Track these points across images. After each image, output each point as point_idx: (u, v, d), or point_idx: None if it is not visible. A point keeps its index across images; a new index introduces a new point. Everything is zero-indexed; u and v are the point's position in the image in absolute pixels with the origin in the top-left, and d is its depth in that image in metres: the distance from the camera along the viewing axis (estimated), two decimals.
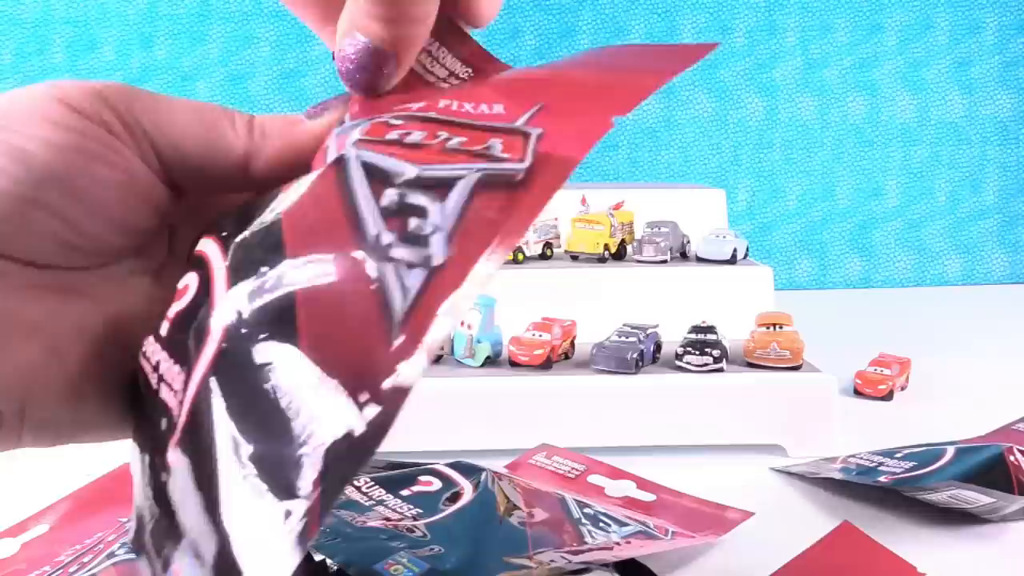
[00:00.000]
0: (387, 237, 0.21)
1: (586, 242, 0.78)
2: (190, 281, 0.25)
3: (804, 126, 1.30)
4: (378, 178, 0.22)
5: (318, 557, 0.40)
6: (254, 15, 1.29)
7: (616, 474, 0.54)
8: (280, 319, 0.21)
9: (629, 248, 0.80)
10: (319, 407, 0.19)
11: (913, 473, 0.52)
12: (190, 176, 0.25)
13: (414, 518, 0.43)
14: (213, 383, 0.22)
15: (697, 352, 0.62)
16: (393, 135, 0.24)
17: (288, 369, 0.20)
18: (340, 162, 0.23)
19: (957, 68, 1.29)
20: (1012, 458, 0.50)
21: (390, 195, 0.22)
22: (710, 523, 0.48)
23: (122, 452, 0.27)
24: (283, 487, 0.18)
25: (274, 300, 0.21)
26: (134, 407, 0.26)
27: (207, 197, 0.27)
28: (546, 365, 0.63)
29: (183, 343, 0.23)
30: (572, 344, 0.66)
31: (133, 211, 0.25)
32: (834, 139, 1.31)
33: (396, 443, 0.60)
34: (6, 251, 0.23)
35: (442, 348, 0.65)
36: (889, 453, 0.56)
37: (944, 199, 1.31)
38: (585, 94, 0.24)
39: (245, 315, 0.22)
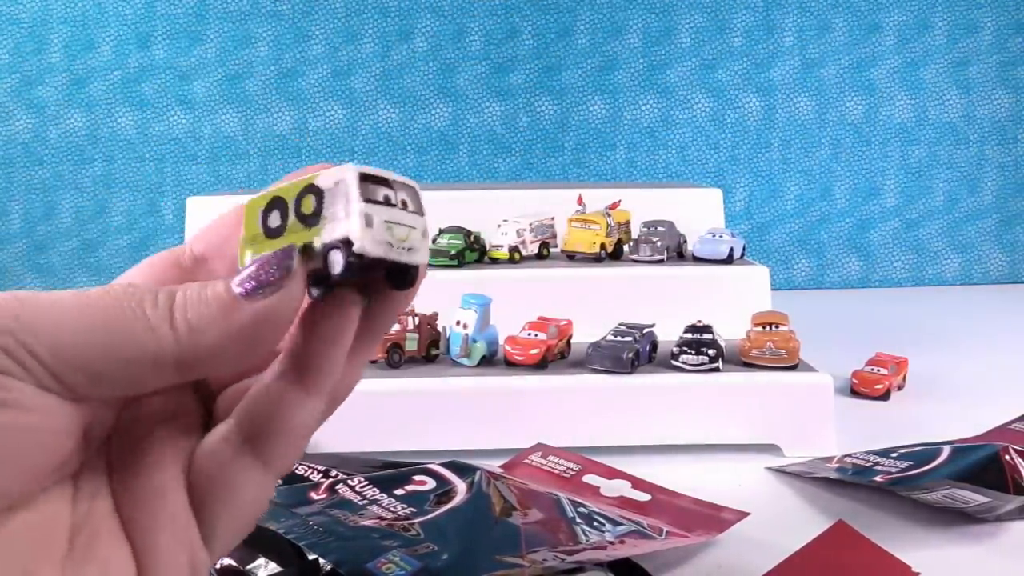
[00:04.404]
0: None
1: (583, 242, 0.78)
2: None
3: (802, 126, 1.30)
4: None
5: (311, 556, 0.40)
6: (252, 15, 1.28)
7: (611, 474, 0.54)
8: None
9: (625, 248, 0.80)
10: None
11: (908, 473, 0.52)
12: (105, 388, 0.20)
13: (407, 517, 0.43)
14: None
15: (693, 352, 0.62)
16: None
17: None
18: None
19: (955, 68, 1.29)
20: (1007, 457, 0.50)
21: None
22: (705, 523, 0.48)
23: None
24: None
25: None
26: None
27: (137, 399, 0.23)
28: (542, 364, 0.63)
29: None
30: (568, 343, 0.66)
31: (41, 452, 0.20)
32: (832, 139, 1.31)
33: (392, 443, 0.60)
34: None
35: (438, 347, 0.65)
36: (885, 453, 0.56)
37: (942, 199, 1.31)
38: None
39: None
